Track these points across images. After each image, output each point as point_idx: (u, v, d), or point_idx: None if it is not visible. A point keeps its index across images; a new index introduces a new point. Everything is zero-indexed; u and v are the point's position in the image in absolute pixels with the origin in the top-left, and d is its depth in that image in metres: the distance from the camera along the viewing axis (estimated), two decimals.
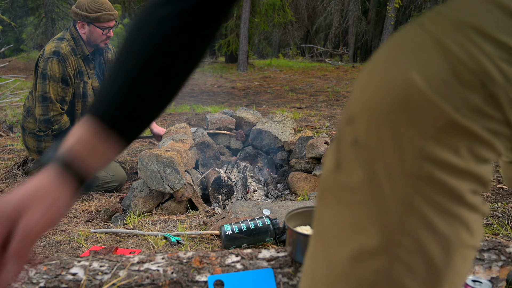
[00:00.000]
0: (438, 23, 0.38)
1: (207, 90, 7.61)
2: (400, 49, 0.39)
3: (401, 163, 0.37)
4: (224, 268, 1.02)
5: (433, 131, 0.36)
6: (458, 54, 0.36)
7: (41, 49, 2.26)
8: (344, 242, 0.40)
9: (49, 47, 2.16)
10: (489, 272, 0.93)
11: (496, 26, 0.36)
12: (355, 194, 0.40)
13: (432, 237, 0.37)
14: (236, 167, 2.53)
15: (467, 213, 0.37)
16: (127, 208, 2.00)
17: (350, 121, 0.41)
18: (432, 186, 0.36)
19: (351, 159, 0.40)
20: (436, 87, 0.36)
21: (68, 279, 0.97)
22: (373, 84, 0.39)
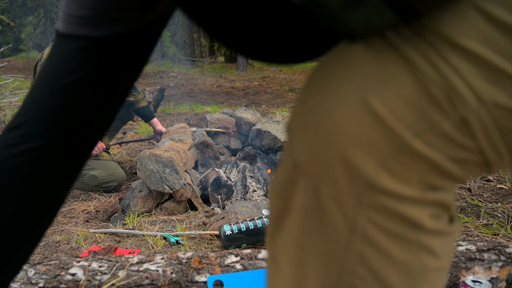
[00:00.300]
0: (400, 32, 0.31)
1: (206, 90, 7.61)
2: (354, 66, 0.33)
3: (349, 192, 0.33)
4: (224, 268, 1.02)
5: (384, 159, 0.31)
6: (423, 69, 0.29)
7: (40, 49, 2.25)
8: (300, 280, 0.38)
9: (48, 52, 2.15)
10: (489, 272, 0.93)
11: (466, 32, 0.28)
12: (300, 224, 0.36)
13: (389, 265, 0.34)
14: (236, 167, 2.53)
15: (428, 238, 0.34)
16: (126, 208, 1.99)
17: (290, 141, 0.37)
18: (386, 215, 0.33)
19: (291, 184, 0.36)
20: (396, 111, 0.30)
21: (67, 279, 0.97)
22: (318, 104, 0.34)
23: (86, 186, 2.32)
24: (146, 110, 2.71)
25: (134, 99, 2.63)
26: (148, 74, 9.88)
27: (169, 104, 5.53)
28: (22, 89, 5.83)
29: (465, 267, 0.96)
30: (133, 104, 2.64)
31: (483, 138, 0.30)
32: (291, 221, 0.37)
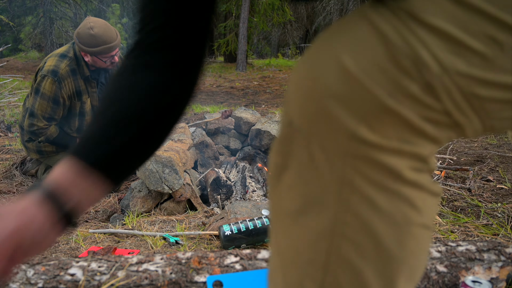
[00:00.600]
0: (377, 9, 0.36)
1: (206, 89, 7.61)
2: (336, 34, 0.38)
3: (335, 144, 0.37)
4: (223, 268, 1.02)
5: (364, 115, 0.35)
6: (394, 40, 0.34)
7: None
8: (290, 226, 0.41)
9: (50, 63, 2.12)
10: (488, 272, 0.93)
11: (432, 11, 0.34)
12: (295, 176, 0.41)
13: (375, 214, 0.37)
14: (235, 167, 2.53)
15: (409, 190, 0.37)
16: (125, 208, 1.99)
17: (286, 103, 0.41)
18: (369, 165, 0.36)
19: (289, 142, 0.41)
20: (369, 72, 0.35)
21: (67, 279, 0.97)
22: (306, 67, 0.40)
23: None
24: None
25: None
26: None
27: None
28: (21, 89, 5.83)
29: (465, 267, 0.95)
30: None
31: (447, 100, 0.34)
32: (289, 174, 0.41)
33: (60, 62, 2.13)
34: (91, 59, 2.17)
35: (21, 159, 2.60)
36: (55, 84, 2.09)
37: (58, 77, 2.09)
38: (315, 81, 0.38)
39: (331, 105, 0.36)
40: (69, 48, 2.20)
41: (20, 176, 2.46)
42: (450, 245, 1.03)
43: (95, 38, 2.09)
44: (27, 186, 2.37)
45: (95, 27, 2.09)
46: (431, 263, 0.97)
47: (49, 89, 2.09)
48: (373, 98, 0.35)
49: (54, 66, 2.11)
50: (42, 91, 2.09)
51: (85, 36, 2.09)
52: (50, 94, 2.10)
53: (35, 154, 2.31)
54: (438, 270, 0.96)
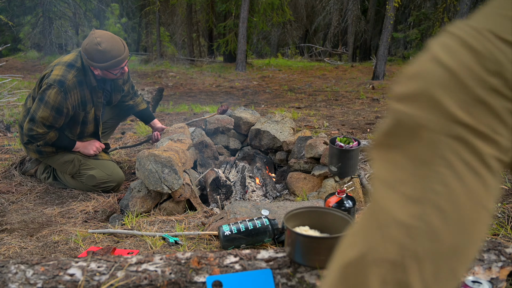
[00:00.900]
0: (464, 30, 0.52)
1: (205, 89, 7.60)
2: (431, 44, 0.54)
3: (438, 125, 0.49)
4: (223, 268, 1.01)
5: (461, 101, 0.48)
6: (480, 50, 0.49)
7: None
8: (389, 195, 0.52)
9: (57, 72, 2.08)
10: (489, 272, 0.93)
11: (507, 31, 0.49)
12: (401, 155, 0.53)
13: (462, 187, 0.48)
14: (235, 167, 2.52)
15: (487, 174, 0.48)
16: (125, 208, 1.99)
17: (396, 94, 0.54)
18: (462, 145, 0.48)
19: (398, 125, 0.53)
20: (462, 69, 0.49)
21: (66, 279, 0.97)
22: (414, 65, 0.54)
23: (84, 186, 2.31)
24: (146, 112, 2.70)
25: (134, 103, 2.63)
26: (146, 73, 9.87)
27: (167, 104, 5.52)
28: (20, 88, 5.82)
29: None
30: (133, 107, 2.64)
31: None
32: (395, 152, 0.53)
33: (67, 73, 2.09)
34: (101, 73, 2.15)
35: (20, 159, 2.59)
36: (61, 95, 2.06)
37: (64, 88, 2.06)
38: (424, 74, 0.51)
39: (438, 93, 0.49)
40: (77, 58, 2.16)
41: (19, 176, 2.46)
42: None
43: (104, 54, 2.05)
44: (26, 186, 2.37)
45: (102, 42, 2.05)
46: None
47: (54, 99, 2.06)
48: (468, 89, 0.48)
49: (61, 76, 2.07)
50: (47, 100, 2.06)
51: (93, 52, 2.05)
52: (54, 104, 2.07)
53: (34, 154, 2.31)
54: None
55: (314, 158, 2.25)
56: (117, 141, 3.36)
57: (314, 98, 6.36)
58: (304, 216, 1.14)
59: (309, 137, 2.42)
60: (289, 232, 1.01)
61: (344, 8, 15.21)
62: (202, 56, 16.33)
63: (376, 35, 15.42)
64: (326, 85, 8.17)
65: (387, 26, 8.39)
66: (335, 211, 1.13)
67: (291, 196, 2.24)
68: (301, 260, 0.99)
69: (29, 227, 1.84)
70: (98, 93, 2.25)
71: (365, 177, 2.30)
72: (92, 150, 2.33)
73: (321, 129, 3.74)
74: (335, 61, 14.40)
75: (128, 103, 2.61)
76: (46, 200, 2.22)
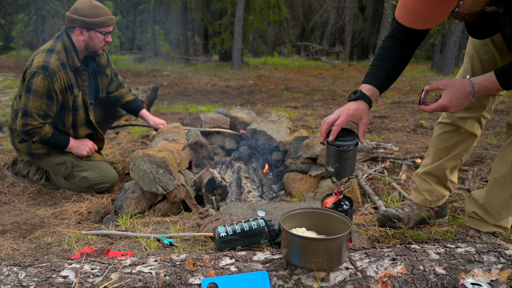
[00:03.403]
0: None
1: (201, 89, 7.58)
2: None
3: None
4: (218, 270, 1.01)
5: None
6: None
7: (31, 47, 2.22)
8: None
9: (38, 59, 2.07)
10: (488, 274, 0.93)
11: None
12: None
13: None
14: (230, 168, 2.51)
15: None
16: (119, 209, 1.97)
17: None
18: None
19: None
20: None
21: (59, 281, 0.96)
22: None
23: (77, 188, 2.29)
24: (133, 103, 2.61)
25: (119, 94, 2.57)
26: (141, 72, 9.82)
27: (162, 103, 5.49)
28: (12, 88, 5.76)
29: (464, 270, 0.95)
30: (118, 99, 2.57)
31: None
32: None
33: (49, 57, 2.08)
34: (88, 36, 2.15)
35: (13, 159, 2.56)
36: (47, 80, 2.04)
37: (49, 72, 2.05)
38: None
39: None
40: (55, 42, 2.16)
41: (12, 176, 2.43)
42: (449, 247, 1.02)
43: (97, 8, 2.11)
44: (18, 186, 2.34)
45: (93, 1, 2.12)
46: (430, 265, 0.97)
47: (41, 85, 2.05)
48: None
49: (43, 62, 2.06)
50: (34, 88, 2.05)
51: (86, 7, 2.10)
52: (43, 90, 2.06)
53: (26, 156, 2.28)
54: (437, 272, 0.95)
55: (311, 159, 2.24)
56: (111, 140, 3.33)
57: (311, 98, 6.36)
58: (301, 217, 1.14)
59: (305, 137, 2.41)
60: (285, 233, 1.00)
61: (341, 6, 15.24)
62: (197, 54, 16.29)
63: (374, 34, 15.48)
64: (323, 84, 8.18)
65: (385, 24, 8.43)
66: (333, 212, 1.12)
67: (288, 197, 2.23)
68: (297, 262, 0.99)
69: (22, 229, 1.82)
70: (83, 76, 2.23)
71: (363, 178, 2.30)
72: (85, 151, 2.29)
73: (318, 129, 3.74)
74: (332, 60, 14.44)
75: (114, 94, 2.56)
76: (39, 201, 2.20)
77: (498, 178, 1.39)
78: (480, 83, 1.19)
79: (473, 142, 1.59)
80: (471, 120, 1.53)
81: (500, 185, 1.38)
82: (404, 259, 1.00)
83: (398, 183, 2.28)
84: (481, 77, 1.20)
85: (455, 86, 1.19)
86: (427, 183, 1.66)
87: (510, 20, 1.13)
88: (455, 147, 1.58)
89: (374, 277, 0.96)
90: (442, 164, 1.61)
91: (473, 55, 1.47)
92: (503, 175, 1.36)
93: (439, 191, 1.66)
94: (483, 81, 1.18)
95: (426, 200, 1.67)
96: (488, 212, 1.44)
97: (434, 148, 1.63)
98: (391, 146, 2.69)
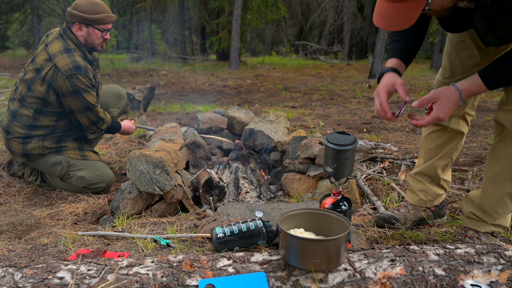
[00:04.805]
0: None
1: (198, 88, 7.56)
2: None
3: None
4: (216, 271, 1.00)
5: None
6: None
7: (27, 46, 2.22)
8: None
9: (63, 62, 2.10)
10: (488, 276, 0.92)
11: None
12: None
13: None
14: (228, 168, 2.50)
15: None
16: (115, 210, 1.95)
17: None
18: None
19: None
20: None
21: (55, 283, 0.95)
22: None
23: (73, 188, 2.27)
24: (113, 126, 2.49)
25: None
26: (138, 72, 9.79)
27: (159, 103, 5.47)
28: (8, 87, 5.72)
29: (464, 271, 0.94)
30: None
31: None
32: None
33: (73, 56, 2.14)
34: (86, 32, 2.18)
35: (8, 159, 2.54)
36: (85, 75, 2.13)
37: (83, 69, 2.13)
38: None
39: None
40: (65, 42, 2.18)
41: (8, 177, 2.41)
42: (449, 248, 1.02)
43: (97, 5, 2.16)
44: (14, 187, 2.32)
45: None
46: (429, 266, 0.96)
47: (84, 82, 2.13)
48: None
49: (72, 62, 2.11)
50: (82, 87, 2.12)
51: (86, 4, 2.14)
52: (88, 83, 2.16)
53: (21, 157, 2.26)
54: (436, 274, 0.95)
55: (309, 159, 2.24)
56: (108, 140, 3.31)
57: (309, 97, 6.36)
58: (299, 218, 1.13)
59: (304, 137, 2.41)
60: (283, 234, 1.00)
61: (340, 5, 15.24)
62: (195, 54, 16.27)
63: (373, 33, 15.48)
64: (322, 83, 8.19)
65: None
66: (331, 213, 1.11)
67: (286, 197, 2.23)
68: (295, 263, 0.98)
69: (18, 229, 1.81)
70: (93, 67, 2.32)
71: (362, 178, 2.29)
72: (131, 129, 2.55)
73: (317, 129, 3.74)
74: (331, 59, 14.46)
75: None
76: (34, 201, 2.18)
77: (491, 176, 1.39)
78: (467, 88, 1.21)
79: (461, 140, 1.60)
80: (455, 119, 1.54)
81: (495, 183, 1.38)
82: (403, 260, 0.99)
83: (397, 183, 2.28)
84: (466, 81, 1.22)
85: (444, 97, 1.21)
86: (421, 183, 1.67)
87: (481, 15, 1.14)
88: (444, 146, 1.59)
89: (373, 278, 0.96)
90: (433, 163, 1.62)
91: (451, 52, 1.48)
92: (497, 172, 1.37)
93: (433, 190, 1.66)
94: (469, 86, 1.21)
95: (421, 200, 1.68)
96: (485, 211, 1.44)
97: (425, 149, 1.65)
98: (390, 146, 2.69)
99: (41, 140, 2.21)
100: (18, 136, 2.21)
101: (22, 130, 2.20)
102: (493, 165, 1.39)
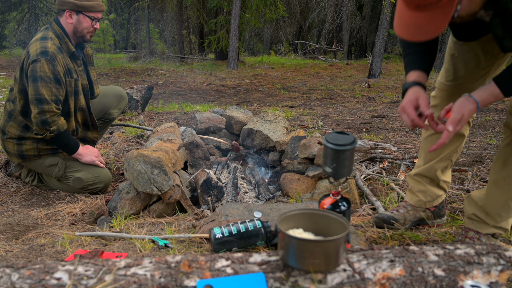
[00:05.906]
0: None
1: (196, 88, 7.54)
2: None
3: None
4: (214, 272, 0.99)
5: None
6: None
7: (24, 46, 2.20)
8: None
9: (34, 48, 2.07)
10: (488, 276, 0.92)
11: None
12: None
13: None
14: (226, 168, 2.49)
15: None
16: (113, 210, 1.94)
17: None
18: None
19: None
20: None
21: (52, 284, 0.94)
22: None
23: (71, 189, 2.26)
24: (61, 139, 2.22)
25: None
26: (135, 71, 9.76)
27: (157, 102, 5.46)
28: (5, 87, 5.69)
29: (463, 271, 0.94)
30: None
31: None
32: None
33: (45, 43, 2.09)
34: (76, 19, 2.16)
35: (6, 160, 2.53)
36: (50, 63, 2.04)
37: (50, 56, 2.05)
38: None
39: None
40: (46, 31, 2.16)
41: (5, 177, 2.39)
42: (448, 248, 1.02)
43: None
44: (11, 187, 2.31)
45: None
46: (429, 267, 0.96)
47: (46, 70, 2.03)
48: None
49: (41, 48, 2.06)
50: (41, 75, 2.03)
51: None
52: (50, 74, 2.05)
53: (17, 158, 2.24)
54: (435, 274, 0.94)
55: (308, 159, 2.23)
56: (105, 140, 3.30)
57: (308, 97, 6.36)
58: (298, 218, 1.13)
59: (303, 137, 2.40)
60: (282, 234, 0.99)
61: (339, 4, 15.22)
62: (193, 53, 16.24)
63: (372, 32, 15.49)
64: (321, 83, 8.18)
65: (384, 22, 8.40)
66: (330, 213, 1.11)
67: (285, 197, 2.22)
68: (294, 264, 0.97)
69: (15, 230, 1.80)
70: (78, 61, 2.25)
71: (361, 178, 2.29)
72: (90, 158, 2.27)
73: (315, 129, 3.74)
74: (330, 59, 14.45)
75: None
76: (32, 202, 2.17)
77: (497, 180, 1.38)
78: (484, 99, 1.17)
79: (461, 142, 1.59)
80: None
81: (500, 187, 1.37)
82: (402, 260, 0.99)
83: (396, 183, 2.27)
84: (483, 92, 1.18)
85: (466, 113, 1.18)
86: (421, 184, 1.66)
87: (500, 21, 1.12)
88: (444, 149, 1.58)
89: (372, 279, 0.95)
90: (433, 165, 1.61)
91: (454, 54, 1.46)
92: (503, 177, 1.36)
93: (433, 191, 1.66)
94: (487, 97, 1.17)
95: (421, 201, 1.67)
96: (488, 214, 1.43)
97: (424, 150, 1.64)
98: (390, 146, 2.69)
99: (36, 142, 2.19)
100: (13, 137, 2.19)
101: (16, 131, 2.18)
102: (499, 169, 1.39)
